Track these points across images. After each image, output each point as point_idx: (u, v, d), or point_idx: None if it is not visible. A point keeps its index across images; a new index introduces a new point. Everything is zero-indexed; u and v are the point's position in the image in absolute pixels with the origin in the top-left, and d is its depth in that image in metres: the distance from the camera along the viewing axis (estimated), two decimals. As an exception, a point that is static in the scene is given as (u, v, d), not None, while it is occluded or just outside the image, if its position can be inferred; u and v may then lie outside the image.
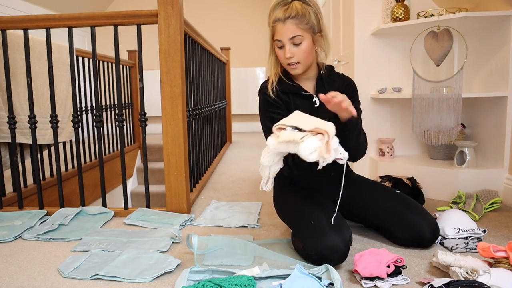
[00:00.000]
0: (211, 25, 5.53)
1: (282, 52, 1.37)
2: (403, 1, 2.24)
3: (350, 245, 1.24)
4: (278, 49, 1.38)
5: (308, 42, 1.35)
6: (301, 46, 1.34)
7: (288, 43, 1.34)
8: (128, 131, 3.86)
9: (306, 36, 1.34)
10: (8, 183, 2.12)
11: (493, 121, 2.05)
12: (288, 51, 1.35)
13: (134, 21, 1.82)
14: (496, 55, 2.02)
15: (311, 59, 1.40)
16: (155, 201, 3.57)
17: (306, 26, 1.33)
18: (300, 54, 1.35)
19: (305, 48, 1.35)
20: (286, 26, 1.32)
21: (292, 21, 1.32)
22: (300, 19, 1.32)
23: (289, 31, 1.32)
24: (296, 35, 1.33)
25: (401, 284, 1.13)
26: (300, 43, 1.34)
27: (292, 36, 1.33)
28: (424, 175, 2.08)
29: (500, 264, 1.12)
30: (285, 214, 1.49)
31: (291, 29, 1.32)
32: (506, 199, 1.92)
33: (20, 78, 2.13)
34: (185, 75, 1.96)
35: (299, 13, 1.31)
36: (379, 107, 2.48)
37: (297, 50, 1.35)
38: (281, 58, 1.39)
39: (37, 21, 1.84)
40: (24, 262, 1.37)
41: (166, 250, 1.43)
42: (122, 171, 1.93)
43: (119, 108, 1.89)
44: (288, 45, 1.34)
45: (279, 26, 1.34)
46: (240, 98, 5.28)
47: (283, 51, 1.36)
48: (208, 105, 2.82)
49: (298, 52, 1.35)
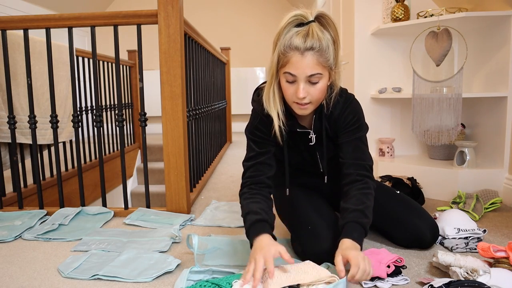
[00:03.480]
0: (211, 25, 5.53)
1: (293, 88, 1.14)
2: (403, 1, 2.24)
3: None
4: (288, 84, 1.14)
5: (325, 81, 1.14)
6: (317, 85, 1.13)
7: (304, 80, 1.11)
8: (128, 131, 3.86)
9: (324, 74, 1.13)
10: (8, 183, 2.12)
11: (493, 121, 2.05)
12: (303, 91, 1.12)
13: (134, 21, 1.82)
14: (496, 55, 2.02)
15: (323, 98, 1.21)
16: (155, 201, 3.57)
17: (326, 63, 1.12)
18: (315, 95, 1.14)
19: (321, 88, 1.14)
20: (306, 60, 1.09)
21: (313, 54, 1.09)
22: (322, 53, 1.10)
23: (309, 67, 1.09)
24: (316, 73, 1.10)
25: (401, 284, 1.13)
26: (317, 82, 1.12)
27: (311, 74, 1.10)
28: (424, 175, 2.08)
29: (500, 264, 1.12)
30: (283, 217, 1.49)
31: (311, 65, 1.09)
32: (506, 199, 1.92)
33: (20, 78, 2.13)
34: (185, 75, 1.96)
35: (322, 45, 1.09)
36: (379, 107, 2.48)
37: (312, 90, 1.13)
38: (289, 94, 1.16)
39: (37, 21, 1.83)
40: (24, 262, 1.37)
41: (166, 250, 1.43)
42: (122, 171, 1.92)
43: (119, 108, 1.89)
44: (302, 82, 1.12)
45: (295, 58, 1.09)
46: (240, 98, 5.28)
47: (294, 87, 1.14)
48: (208, 105, 2.82)
49: (312, 91, 1.14)
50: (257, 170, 1.27)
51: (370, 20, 2.43)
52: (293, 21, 1.11)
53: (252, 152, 1.28)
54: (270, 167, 1.29)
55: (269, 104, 1.21)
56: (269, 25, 5.49)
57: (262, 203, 1.21)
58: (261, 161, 1.27)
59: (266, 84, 1.22)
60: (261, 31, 5.53)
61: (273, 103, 1.20)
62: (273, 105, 1.20)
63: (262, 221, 1.14)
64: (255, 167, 1.27)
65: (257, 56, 5.54)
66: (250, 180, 1.27)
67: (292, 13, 1.11)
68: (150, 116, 2.43)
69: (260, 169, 1.27)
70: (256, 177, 1.26)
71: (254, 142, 1.29)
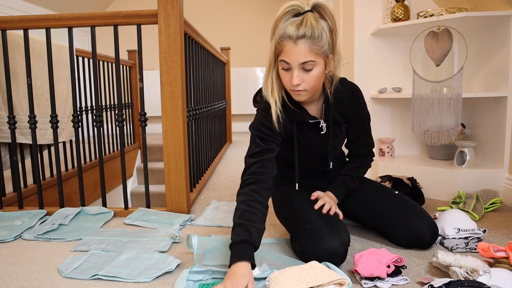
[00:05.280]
0: (211, 25, 5.53)
1: (288, 75, 1.19)
2: (403, 1, 2.24)
3: (348, 246, 1.24)
4: (284, 71, 1.20)
5: (320, 68, 1.18)
6: (311, 72, 1.17)
7: (297, 67, 1.16)
8: (128, 131, 3.86)
9: (318, 61, 1.16)
10: (8, 183, 2.12)
11: (493, 121, 2.05)
12: (296, 77, 1.17)
13: (134, 21, 1.82)
14: (496, 55, 2.02)
15: (319, 85, 1.25)
16: (155, 201, 3.57)
17: (320, 50, 1.15)
18: (309, 82, 1.18)
19: (316, 75, 1.18)
20: (298, 47, 1.13)
21: (305, 42, 1.13)
22: (315, 40, 1.13)
23: (301, 54, 1.14)
24: (308, 61, 1.15)
25: (401, 284, 1.13)
26: (311, 69, 1.17)
27: (304, 62, 1.15)
28: (424, 175, 2.08)
29: (500, 264, 1.12)
30: (282, 217, 1.48)
31: (303, 53, 1.14)
32: (506, 199, 1.92)
33: (20, 78, 2.13)
34: (185, 75, 1.96)
35: (314, 33, 1.12)
36: (379, 107, 2.48)
37: (307, 77, 1.18)
38: (285, 81, 1.21)
39: (37, 21, 1.83)
40: (24, 262, 1.37)
41: (166, 250, 1.43)
42: (122, 171, 1.93)
43: (119, 108, 1.89)
44: (296, 69, 1.17)
45: (288, 46, 1.14)
46: (240, 98, 5.28)
47: (289, 74, 1.19)
48: (208, 105, 2.82)
49: (307, 78, 1.18)
50: (262, 167, 1.23)
51: (370, 20, 2.43)
52: (290, 11, 1.15)
53: (257, 147, 1.26)
54: (274, 167, 1.27)
55: (267, 91, 1.26)
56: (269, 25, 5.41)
57: (258, 214, 1.16)
58: (267, 158, 1.25)
59: (265, 73, 1.26)
60: (261, 31, 5.52)
61: (271, 90, 1.25)
62: (271, 93, 1.25)
63: (248, 244, 1.10)
64: (260, 164, 1.24)
65: (257, 56, 5.54)
66: (254, 178, 1.22)
67: (289, 3, 1.15)
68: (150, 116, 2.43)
69: (265, 166, 1.24)
70: (260, 175, 1.22)
71: (260, 138, 1.27)
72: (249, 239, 1.10)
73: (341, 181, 1.47)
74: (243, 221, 1.14)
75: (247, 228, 1.12)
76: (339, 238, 1.21)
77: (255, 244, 1.12)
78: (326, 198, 1.37)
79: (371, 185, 1.54)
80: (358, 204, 1.50)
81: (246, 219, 1.14)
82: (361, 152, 1.51)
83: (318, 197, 1.38)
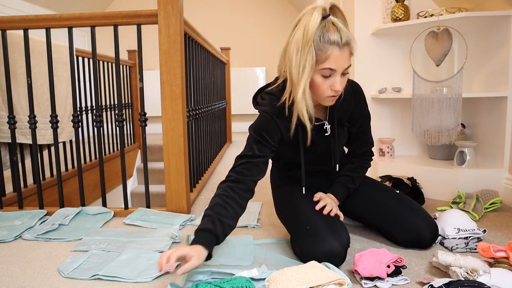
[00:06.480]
0: (211, 25, 5.52)
1: (328, 82, 1.16)
2: (403, 1, 2.24)
3: (348, 247, 1.24)
4: (323, 78, 1.16)
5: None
6: (346, 76, 1.19)
7: (340, 73, 1.15)
8: (128, 131, 3.86)
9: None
10: (8, 183, 2.12)
11: (493, 121, 2.05)
12: (341, 83, 1.16)
13: (134, 21, 1.82)
14: (496, 55, 2.02)
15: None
16: (155, 201, 3.57)
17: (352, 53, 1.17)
18: (344, 85, 1.19)
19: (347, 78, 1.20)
20: (344, 54, 1.12)
21: (347, 47, 1.13)
22: (352, 45, 1.15)
23: (346, 60, 1.13)
24: (349, 65, 1.16)
25: (401, 284, 1.13)
26: (348, 73, 1.18)
27: (347, 67, 1.15)
28: (424, 175, 2.08)
29: (500, 264, 1.12)
30: (283, 217, 1.48)
31: (347, 58, 1.14)
32: (506, 199, 1.92)
33: (20, 78, 2.13)
34: (185, 75, 1.96)
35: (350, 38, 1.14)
36: (379, 107, 2.48)
37: (344, 81, 1.18)
38: (324, 89, 1.18)
39: (37, 21, 1.83)
40: (24, 262, 1.37)
41: (166, 250, 1.43)
42: (122, 171, 1.93)
43: (119, 108, 1.89)
44: (339, 76, 1.15)
45: (336, 52, 1.12)
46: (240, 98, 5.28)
47: (330, 81, 1.16)
48: (208, 105, 2.82)
49: (344, 82, 1.18)
50: (247, 169, 1.24)
51: (370, 20, 2.43)
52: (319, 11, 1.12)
53: (250, 151, 1.27)
54: (260, 171, 1.27)
55: (303, 106, 1.18)
56: (269, 25, 5.49)
57: (229, 210, 1.18)
58: (255, 162, 1.25)
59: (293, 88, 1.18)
60: (261, 31, 5.52)
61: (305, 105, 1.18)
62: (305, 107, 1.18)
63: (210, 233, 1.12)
64: (246, 165, 1.25)
65: (257, 56, 5.54)
66: (235, 177, 1.23)
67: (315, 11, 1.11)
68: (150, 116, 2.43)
69: (250, 168, 1.24)
70: (243, 175, 1.23)
71: (256, 142, 1.27)
72: (213, 229, 1.13)
73: (342, 182, 1.47)
74: (211, 212, 1.17)
75: (213, 220, 1.14)
76: (339, 239, 1.21)
77: (217, 235, 1.14)
78: (327, 199, 1.37)
79: (372, 184, 1.54)
80: (358, 203, 1.50)
81: (215, 211, 1.17)
82: (361, 151, 1.52)
83: (320, 198, 1.38)
